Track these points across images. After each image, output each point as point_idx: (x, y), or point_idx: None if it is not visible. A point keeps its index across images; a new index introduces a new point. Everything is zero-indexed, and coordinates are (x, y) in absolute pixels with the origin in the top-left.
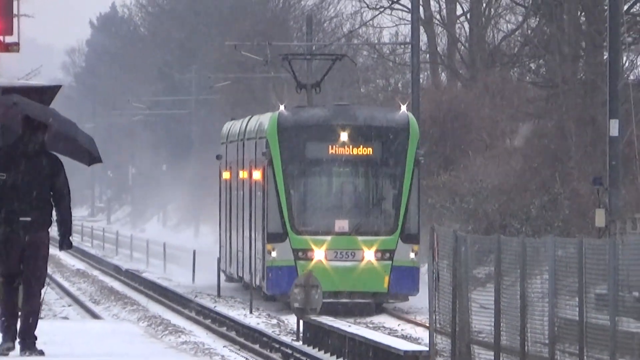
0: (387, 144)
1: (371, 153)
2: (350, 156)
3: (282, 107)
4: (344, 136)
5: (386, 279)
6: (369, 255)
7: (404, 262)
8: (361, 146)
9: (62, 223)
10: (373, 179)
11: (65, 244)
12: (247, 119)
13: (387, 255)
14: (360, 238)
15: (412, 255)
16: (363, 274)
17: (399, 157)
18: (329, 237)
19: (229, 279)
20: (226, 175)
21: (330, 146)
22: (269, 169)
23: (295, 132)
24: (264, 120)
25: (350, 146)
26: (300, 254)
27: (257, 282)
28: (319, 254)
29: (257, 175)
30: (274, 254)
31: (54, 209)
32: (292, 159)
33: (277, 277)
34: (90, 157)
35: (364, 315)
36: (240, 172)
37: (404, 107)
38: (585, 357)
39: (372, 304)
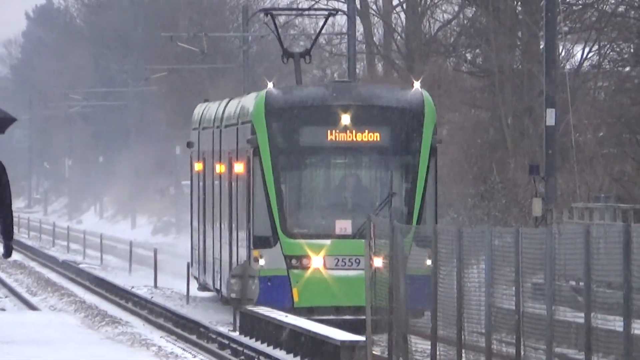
0: (398, 128)
1: (379, 139)
2: (354, 143)
3: (270, 85)
4: (345, 119)
5: None
6: (377, 262)
7: (419, 270)
8: (367, 131)
9: (5, 233)
10: (381, 171)
11: (8, 252)
12: (224, 101)
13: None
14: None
15: (428, 262)
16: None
17: (412, 143)
18: (328, 241)
19: (203, 287)
20: (199, 166)
21: (329, 131)
22: (255, 160)
23: (287, 114)
24: (248, 101)
25: (354, 131)
26: (293, 261)
27: None
28: (316, 261)
29: (239, 167)
30: (261, 261)
31: None
32: (283, 147)
33: (266, 289)
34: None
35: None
36: (217, 164)
37: (417, 84)
38: (522, 346)
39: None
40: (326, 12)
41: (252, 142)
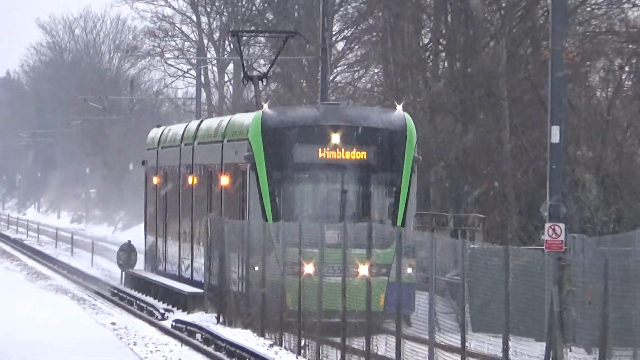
0: (382, 147)
1: (365, 157)
2: (342, 160)
3: (265, 106)
4: (335, 138)
5: (382, 297)
6: (364, 270)
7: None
8: (354, 149)
9: None
10: (367, 186)
11: None
12: (193, 123)
13: (383, 270)
14: (353, 251)
15: (409, 270)
16: (357, 292)
17: (395, 161)
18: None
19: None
20: (157, 180)
21: (320, 149)
22: (252, 174)
23: (281, 133)
24: (240, 120)
25: (342, 149)
26: (286, 268)
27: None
28: (308, 268)
29: (226, 180)
30: (257, 268)
31: None
32: (277, 163)
33: None
34: None
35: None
36: (191, 177)
37: (399, 107)
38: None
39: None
40: (284, 35)
41: (248, 159)
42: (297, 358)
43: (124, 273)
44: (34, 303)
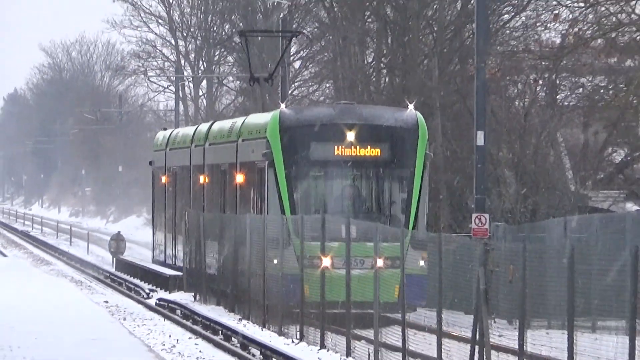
0: (395, 145)
1: (379, 154)
2: (357, 157)
3: (282, 106)
4: (350, 136)
5: (396, 288)
6: (379, 262)
7: (414, 270)
8: (369, 147)
9: None
10: (381, 182)
11: None
12: (203, 125)
13: (397, 262)
14: (369, 244)
15: (421, 262)
16: (372, 283)
17: (408, 158)
18: (335, 244)
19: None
20: (166, 179)
21: (336, 147)
22: (270, 171)
23: (299, 131)
24: (257, 120)
25: (357, 147)
26: (305, 261)
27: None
28: (325, 261)
29: (242, 177)
30: (275, 261)
31: None
32: (295, 160)
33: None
34: None
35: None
36: (203, 177)
37: (411, 106)
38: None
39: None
40: (290, 34)
41: (266, 156)
42: (262, 330)
43: (115, 259)
44: (39, 285)
